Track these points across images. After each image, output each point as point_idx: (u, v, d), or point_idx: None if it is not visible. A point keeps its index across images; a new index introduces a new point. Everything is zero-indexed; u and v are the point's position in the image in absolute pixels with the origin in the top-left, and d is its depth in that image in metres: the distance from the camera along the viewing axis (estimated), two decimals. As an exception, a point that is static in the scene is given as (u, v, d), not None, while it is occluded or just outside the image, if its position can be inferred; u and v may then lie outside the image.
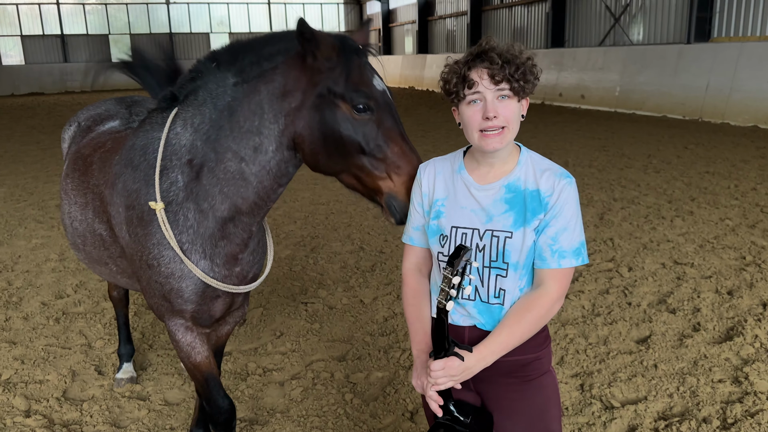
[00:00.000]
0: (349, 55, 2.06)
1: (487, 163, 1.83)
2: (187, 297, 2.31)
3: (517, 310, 1.78)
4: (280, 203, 7.76)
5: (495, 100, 1.71)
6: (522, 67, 1.69)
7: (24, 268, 5.66)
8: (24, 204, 8.12)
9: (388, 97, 2.10)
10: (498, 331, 1.77)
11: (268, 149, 2.14)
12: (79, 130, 3.16)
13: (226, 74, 2.19)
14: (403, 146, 2.04)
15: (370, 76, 2.08)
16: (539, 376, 1.88)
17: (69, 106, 23.54)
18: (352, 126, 2.02)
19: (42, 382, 3.65)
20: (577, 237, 1.77)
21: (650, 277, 4.97)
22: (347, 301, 4.73)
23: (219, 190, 2.20)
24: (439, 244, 1.85)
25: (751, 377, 3.40)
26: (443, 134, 13.42)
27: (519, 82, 1.69)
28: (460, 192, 1.85)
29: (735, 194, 7.48)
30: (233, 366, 3.80)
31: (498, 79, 1.69)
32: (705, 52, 14.95)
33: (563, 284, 1.78)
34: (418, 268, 1.99)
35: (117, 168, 2.43)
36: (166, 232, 2.22)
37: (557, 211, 1.74)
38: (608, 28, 19.80)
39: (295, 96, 2.09)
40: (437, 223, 1.86)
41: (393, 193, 2.04)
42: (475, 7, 26.96)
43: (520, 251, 1.76)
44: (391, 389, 3.48)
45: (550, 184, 1.76)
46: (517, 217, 1.76)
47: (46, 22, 34.51)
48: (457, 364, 1.73)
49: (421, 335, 1.92)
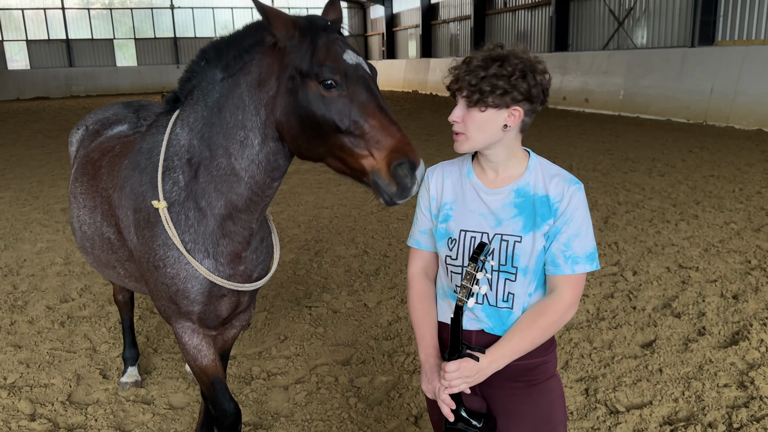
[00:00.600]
0: (315, 32, 2.00)
1: (490, 168, 1.84)
2: (193, 298, 2.32)
3: (529, 315, 1.78)
4: (284, 207, 7.77)
5: (463, 106, 1.74)
6: (487, 78, 1.67)
7: (29, 271, 5.68)
8: (29, 208, 8.15)
9: (363, 71, 2.00)
10: (510, 336, 1.78)
11: (254, 142, 2.13)
12: (87, 134, 3.18)
13: (215, 71, 2.21)
14: (381, 119, 1.94)
15: (340, 50, 1.99)
16: (545, 380, 1.88)
17: (74, 111, 23.62)
18: (324, 104, 1.96)
19: (47, 386, 3.66)
20: (590, 242, 1.78)
21: (655, 281, 4.95)
22: (351, 305, 4.73)
23: (214, 188, 2.21)
24: (447, 248, 1.86)
25: (756, 382, 3.39)
26: (447, 137, 13.41)
27: (474, 94, 1.69)
28: (469, 195, 1.86)
29: (740, 198, 7.46)
30: (237, 370, 3.80)
31: (456, 87, 1.74)
32: (709, 56, 14.92)
33: (577, 290, 1.79)
34: (425, 271, 2.00)
35: (125, 172, 2.46)
36: (170, 230, 2.23)
37: (568, 217, 1.75)
38: (612, 31, 19.79)
39: (271, 84, 2.07)
40: (445, 227, 1.87)
41: (376, 171, 1.93)
42: (478, 11, 27.00)
43: (530, 256, 1.77)
44: (395, 393, 3.48)
45: (560, 190, 1.77)
46: (527, 222, 1.77)
47: (52, 26, 34.70)
48: (471, 365, 1.73)
49: (429, 339, 1.91)
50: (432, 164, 2.01)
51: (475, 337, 1.85)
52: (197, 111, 2.23)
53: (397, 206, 7.88)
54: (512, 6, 25.27)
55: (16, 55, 34.39)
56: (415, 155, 1.91)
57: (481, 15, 27.04)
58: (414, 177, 1.91)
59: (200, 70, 2.24)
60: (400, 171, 1.89)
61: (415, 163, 1.90)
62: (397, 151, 1.90)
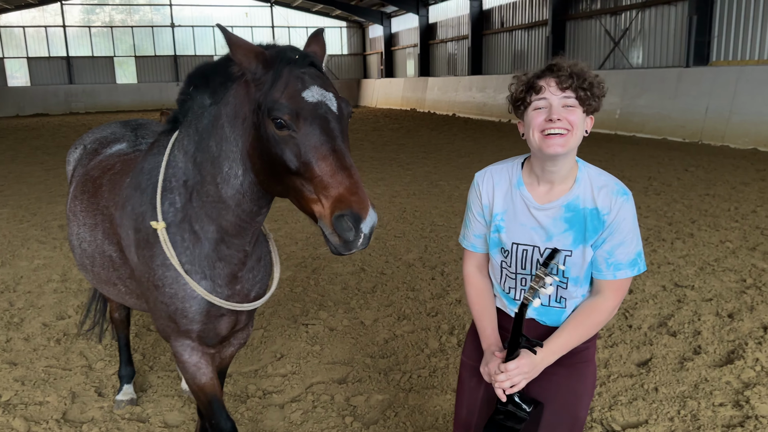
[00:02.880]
0: (280, 65, 1.92)
1: (547, 180, 1.88)
2: (191, 317, 2.33)
3: (577, 315, 1.91)
4: (281, 224, 7.79)
5: (560, 107, 1.77)
6: (589, 79, 1.77)
7: (26, 288, 5.68)
8: (27, 225, 8.16)
9: (325, 109, 1.88)
10: (559, 333, 1.90)
11: (238, 173, 2.11)
12: (86, 153, 3.20)
13: (204, 96, 2.20)
14: (331, 164, 1.81)
15: (300, 87, 1.89)
16: (584, 365, 1.99)
17: (73, 127, 23.69)
18: (278, 143, 1.88)
19: (42, 404, 3.64)
20: (633, 249, 1.86)
21: (651, 299, 4.96)
22: (348, 323, 4.73)
23: (205, 213, 2.22)
24: (501, 255, 1.97)
25: (752, 401, 3.39)
26: (444, 155, 13.47)
27: (585, 92, 1.76)
28: (520, 209, 1.92)
29: (735, 217, 7.49)
30: (233, 388, 3.80)
31: (564, 86, 1.76)
32: (704, 76, 15.08)
33: (620, 293, 1.90)
34: (480, 269, 2.11)
35: (126, 191, 2.48)
36: (168, 251, 2.25)
37: (614, 228, 1.84)
38: (608, 51, 19.99)
39: (245, 115, 2.03)
40: (497, 237, 1.96)
41: (322, 218, 1.84)
42: (476, 30, 27.28)
43: (581, 267, 1.88)
44: (391, 412, 3.47)
45: (608, 203, 1.84)
46: (577, 236, 1.85)
47: (52, 44, 34.95)
48: (529, 360, 1.84)
49: (490, 330, 2.03)
50: (429, 181, 2.05)
51: (526, 325, 1.94)
52: (190, 135, 2.25)
53: (396, 219, 7.87)
54: (509, 26, 25.53)
55: (17, 72, 34.59)
56: (361, 206, 1.78)
57: (478, 35, 27.31)
58: (358, 230, 1.78)
59: (193, 93, 2.25)
60: (343, 223, 1.78)
61: (360, 216, 1.77)
62: (341, 201, 1.79)
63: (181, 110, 2.32)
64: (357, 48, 40.66)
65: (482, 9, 27.29)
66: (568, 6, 21.63)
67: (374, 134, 19.12)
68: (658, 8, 17.91)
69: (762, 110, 13.26)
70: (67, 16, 35.17)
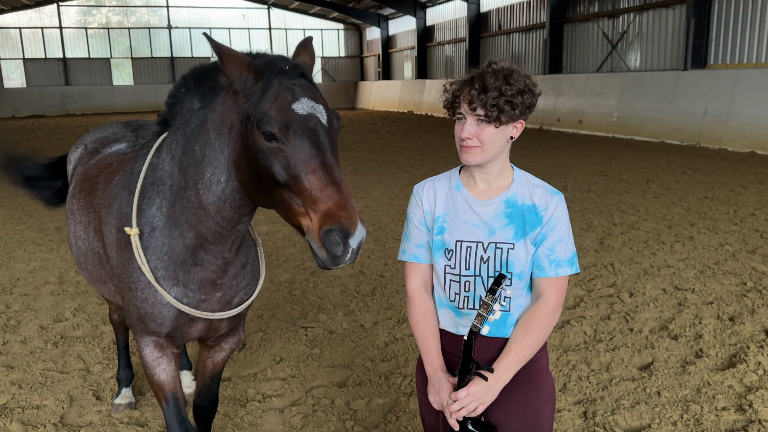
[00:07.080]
0: (270, 76, 1.90)
1: (483, 180, 1.95)
2: (160, 322, 2.34)
3: (521, 325, 1.91)
4: (279, 226, 7.76)
5: (473, 122, 1.82)
6: (503, 96, 1.77)
7: (22, 291, 5.63)
8: (23, 226, 8.11)
9: (315, 122, 1.88)
10: (508, 348, 1.89)
11: (221, 179, 2.09)
12: (86, 152, 3.19)
13: (194, 99, 2.19)
14: (320, 178, 1.81)
15: (290, 99, 1.88)
16: (538, 377, 1.98)
17: (70, 129, 23.63)
18: (267, 155, 1.86)
19: (39, 408, 3.61)
20: (570, 248, 1.93)
21: (651, 302, 4.95)
22: (347, 326, 4.70)
23: (185, 219, 2.20)
24: (445, 258, 1.96)
25: (755, 405, 3.38)
26: (442, 157, 13.47)
27: (494, 112, 1.78)
28: (461, 208, 1.96)
29: (734, 219, 7.50)
30: (232, 392, 3.76)
31: (474, 106, 1.80)
32: (702, 79, 15.11)
33: (561, 293, 1.92)
34: (424, 286, 2.07)
35: (115, 190, 2.48)
36: (139, 258, 2.25)
37: (553, 224, 1.90)
38: (606, 54, 20.02)
39: (232, 124, 2.01)
40: (441, 238, 1.97)
41: (310, 233, 1.83)
42: (473, 33, 27.29)
43: (525, 261, 1.90)
44: (392, 416, 3.44)
45: (544, 200, 1.91)
46: (518, 230, 1.90)
47: (49, 45, 34.82)
48: (481, 386, 1.82)
49: (434, 353, 1.99)
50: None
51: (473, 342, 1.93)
52: (178, 139, 2.23)
53: (394, 221, 7.84)
54: (507, 29, 25.56)
55: (13, 74, 34.45)
56: (350, 221, 1.77)
57: (475, 37, 27.33)
58: (346, 245, 1.78)
59: (182, 96, 2.23)
60: (331, 238, 1.77)
61: (348, 231, 1.77)
62: (330, 216, 1.78)
63: (170, 112, 2.30)
64: (354, 50, 40.64)
65: (480, 12, 27.31)
66: (566, 9, 21.66)
67: (372, 136, 19.11)
68: (655, 11, 17.94)
69: (759, 113, 13.29)
70: (64, 17, 35.05)
